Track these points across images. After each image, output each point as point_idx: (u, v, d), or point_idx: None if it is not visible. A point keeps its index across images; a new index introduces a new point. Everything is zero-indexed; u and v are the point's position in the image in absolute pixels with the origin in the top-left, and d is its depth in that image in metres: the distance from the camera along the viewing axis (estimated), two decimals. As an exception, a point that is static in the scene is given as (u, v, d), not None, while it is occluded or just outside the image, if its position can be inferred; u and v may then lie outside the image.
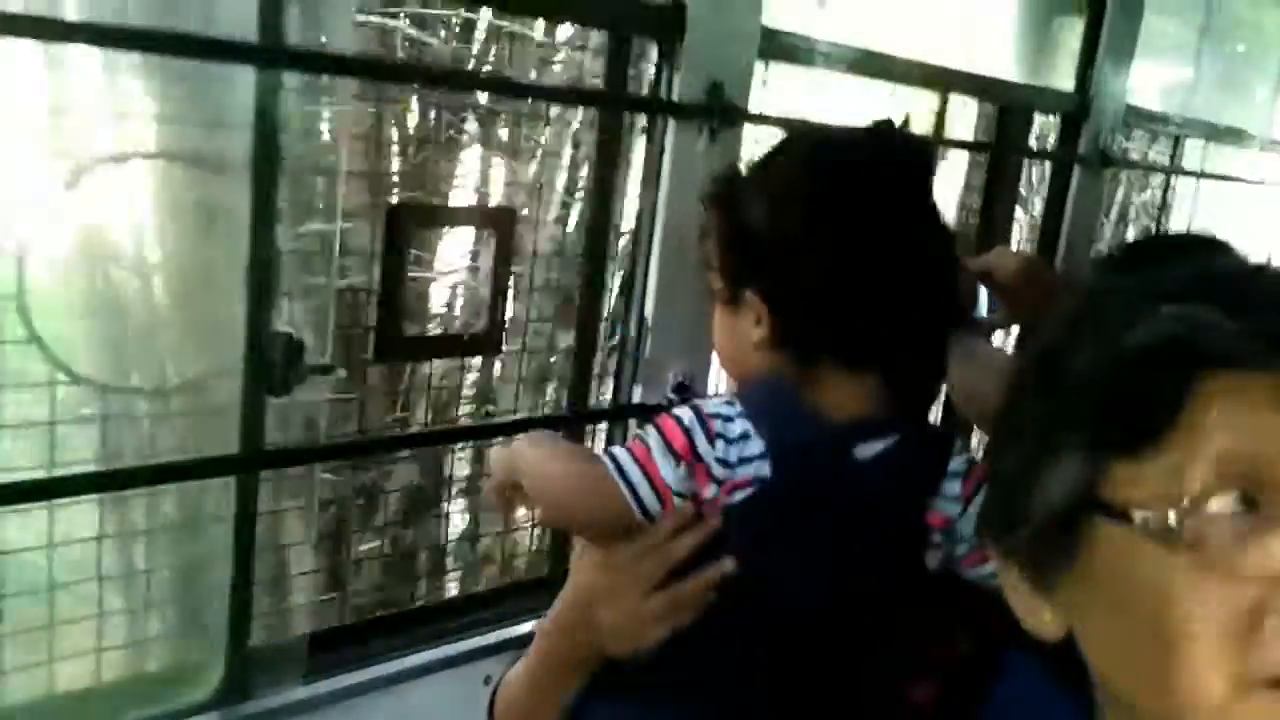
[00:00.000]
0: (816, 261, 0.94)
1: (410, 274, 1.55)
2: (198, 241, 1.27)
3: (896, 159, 1.00)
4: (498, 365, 1.72)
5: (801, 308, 0.95)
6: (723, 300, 0.99)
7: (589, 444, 1.81)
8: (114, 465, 1.30)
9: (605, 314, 1.80)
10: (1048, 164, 2.59)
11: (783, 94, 1.85)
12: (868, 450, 0.93)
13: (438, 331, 1.64)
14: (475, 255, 1.67)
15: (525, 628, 1.71)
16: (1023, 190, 2.54)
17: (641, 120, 1.64)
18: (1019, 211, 2.55)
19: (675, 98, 1.59)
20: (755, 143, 1.69)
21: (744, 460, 0.94)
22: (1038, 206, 2.50)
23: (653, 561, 0.93)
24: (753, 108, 1.70)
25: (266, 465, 1.31)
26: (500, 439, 1.73)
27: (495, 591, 1.75)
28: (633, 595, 0.94)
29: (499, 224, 1.68)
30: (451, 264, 1.78)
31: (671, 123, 1.59)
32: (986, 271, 2.27)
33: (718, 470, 0.93)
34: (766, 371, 0.97)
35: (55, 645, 1.33)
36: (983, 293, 2.32)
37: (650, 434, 0.96)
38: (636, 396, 1.77)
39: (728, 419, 0.95)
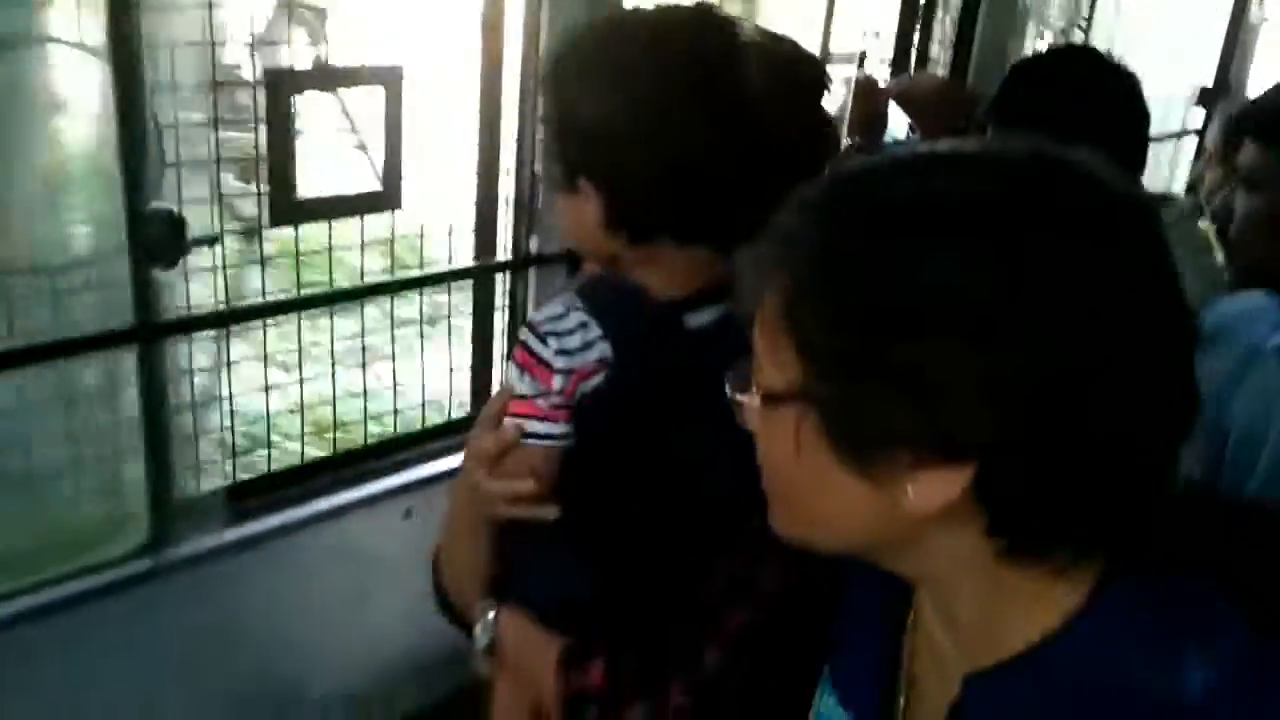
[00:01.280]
0: (641, 150, 0.99)
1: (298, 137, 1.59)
2: (69, 126, 1.32)
3: (709, 41, 1.04)
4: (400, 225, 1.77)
5: (630, 194, 1.00)
6: (561, 186, 1.05)
7: (497, 295, 1.89)
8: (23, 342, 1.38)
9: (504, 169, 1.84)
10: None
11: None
12: (698, 320, 1.01)
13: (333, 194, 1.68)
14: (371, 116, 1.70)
15: (442, 464, 1.83)
16: (939, 10, 2.52)
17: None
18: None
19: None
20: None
21: (586, 345, 1.01)
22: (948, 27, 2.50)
23: (475, 453, 1.03)
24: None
25: (155, 336, 1.39)
26: (406, 293, 1.81)
27: (412, 435, 1.86)
28: (475, 475, 1.04)
29: (388, 82, 1.71)
30: (344, 125, 1.81)
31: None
32: (902, 95, 2.30)
33: (559, 362, 1.01)
34: (607, 250, 1.03)
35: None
36: (900, 117, 2.35)
37: (512, 375, 1.04)
38: (534, 247, 1.85)
39: (559, 316, 1.02)
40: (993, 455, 0.58)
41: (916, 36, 2.52)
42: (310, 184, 1.67)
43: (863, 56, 2.58)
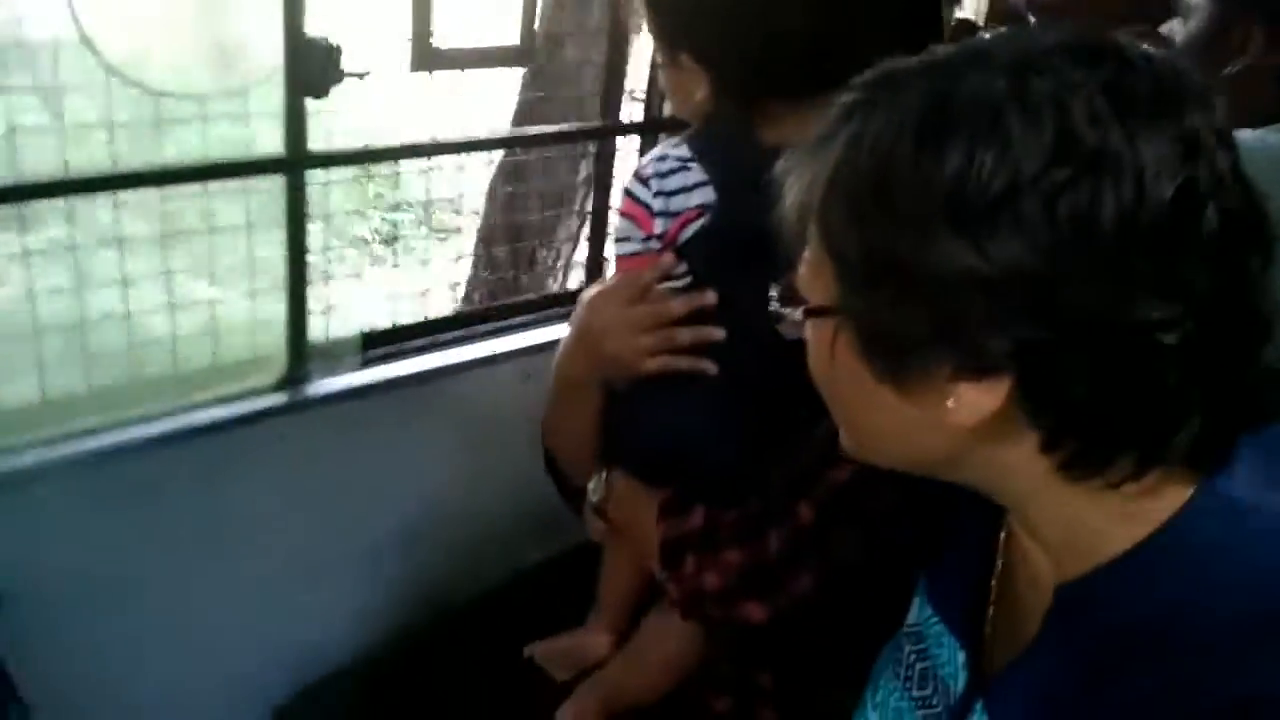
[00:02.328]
0: (739, 21, 0.99)
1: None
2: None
3: None
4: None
5: (732, 65, 1.01)
6: (664, 62, 1.06)
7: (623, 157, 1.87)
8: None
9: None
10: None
11: None
12: None
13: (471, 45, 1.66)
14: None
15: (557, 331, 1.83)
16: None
17: None
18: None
19: None
20: None
21: (684, 189, 1.04)
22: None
23: (643, 309, 1.05)
24: None
25: (311, 165, 1.39)
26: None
27: (535, 299, 1.86)
28: (629, 333, 1.05)
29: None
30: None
31: None
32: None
33: (657, 204, 1.04)
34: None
35: (134, 333, 1.47)
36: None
37: (619, 228, 1.09)
38: (667, 110, 1.82)
39: (660, 159, 1.05)
40: (1026, 364, 0.56)
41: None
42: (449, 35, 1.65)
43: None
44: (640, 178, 1.06)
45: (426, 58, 1.60)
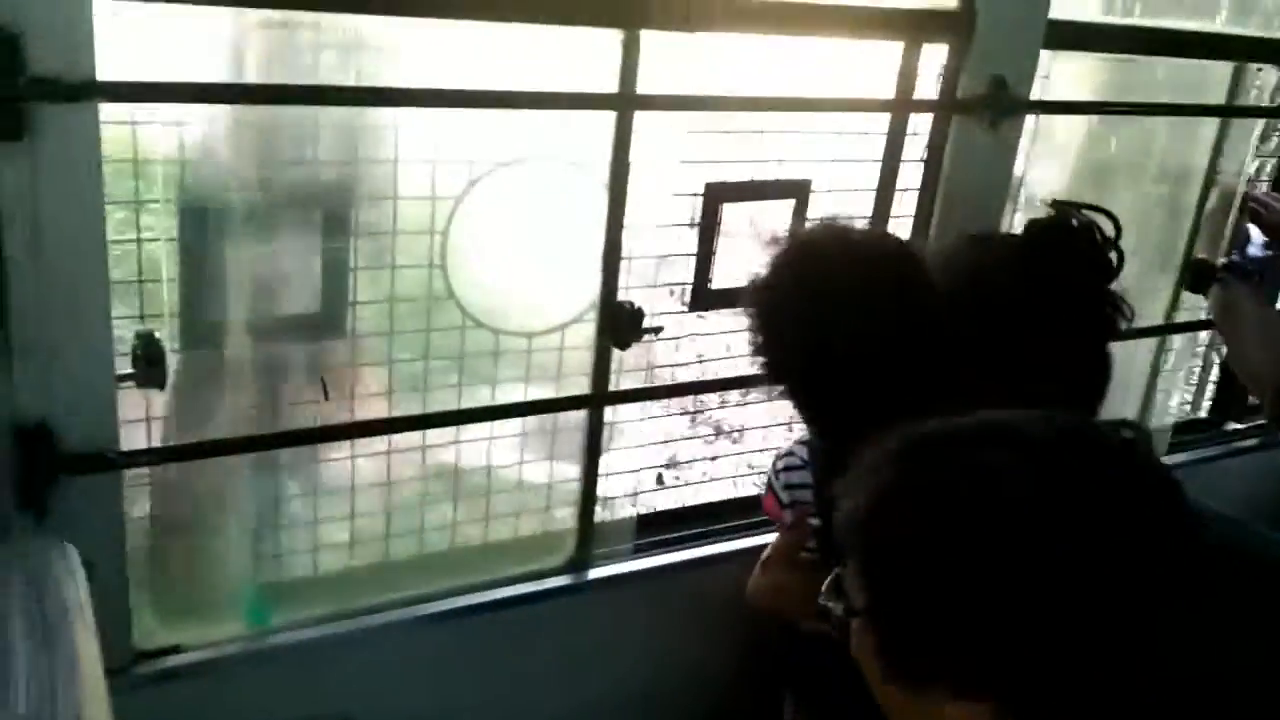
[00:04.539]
0: (827, 384, 1.30)
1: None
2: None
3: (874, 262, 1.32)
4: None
5: (829, 412, 1.32)
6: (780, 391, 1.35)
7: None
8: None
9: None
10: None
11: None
12: None
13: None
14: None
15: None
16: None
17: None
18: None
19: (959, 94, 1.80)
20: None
21: (805, 485, 1.41)
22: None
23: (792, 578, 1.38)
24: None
25: (611, 403, 1.72)
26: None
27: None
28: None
29: (798, 194, 1.99)
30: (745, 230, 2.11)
31: (955, 118, 1.81)
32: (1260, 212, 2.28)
33: (784, 496, 1.43)
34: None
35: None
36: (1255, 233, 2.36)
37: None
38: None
39: (788, 454, 1.46)
40: (1007, 698, 0.73)
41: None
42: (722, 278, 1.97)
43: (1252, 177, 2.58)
44: (775, 471, 1.42)
45: (704, 300, 1.93)
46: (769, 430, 2.80)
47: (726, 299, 2.00)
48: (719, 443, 3.24)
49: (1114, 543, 0.71)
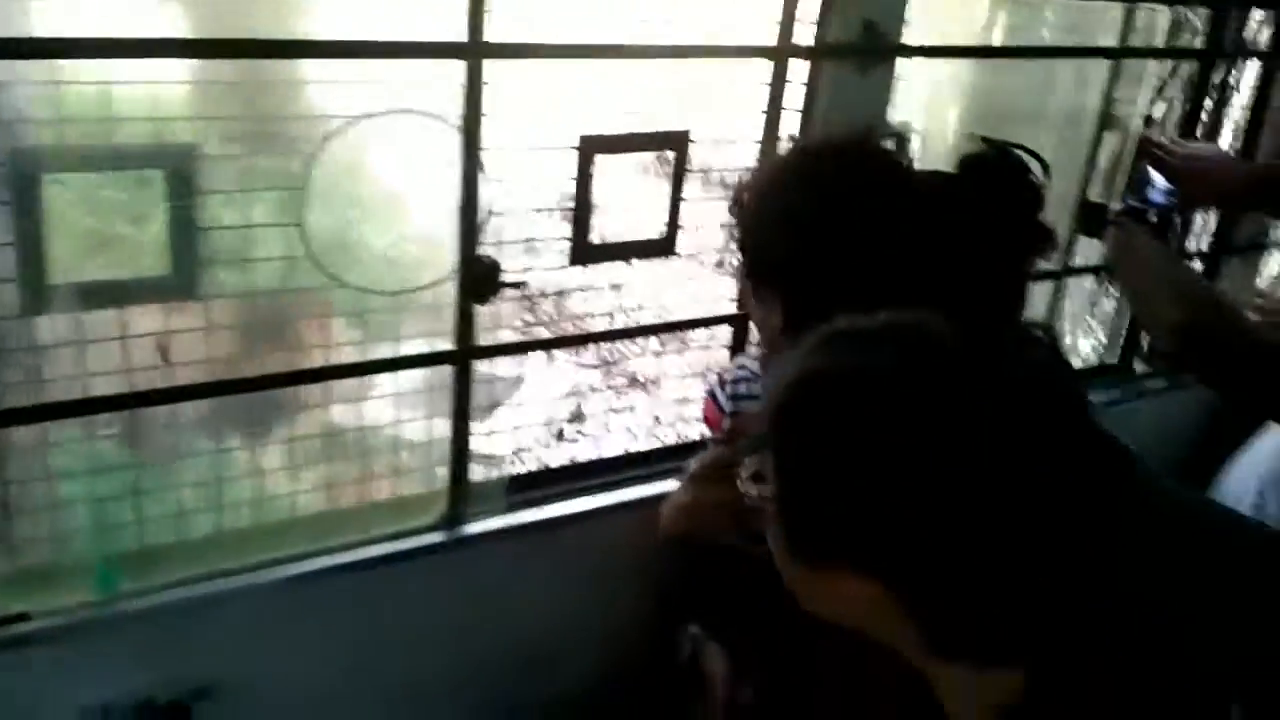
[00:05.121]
0: (816, 276, 1.21)
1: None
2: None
3: (868, 167, 1.29)
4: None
5: (809, 307, 1.22)
6: (750, 290, 1.30)
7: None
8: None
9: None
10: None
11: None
12: None
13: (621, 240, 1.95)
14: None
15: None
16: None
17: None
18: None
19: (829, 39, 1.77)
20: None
21: (751, 397, 1.39)
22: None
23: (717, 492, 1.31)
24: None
25: (476, 357, 1.70)
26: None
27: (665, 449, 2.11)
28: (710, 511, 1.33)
29: (677, 145, 1.96)
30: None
31: (825, 64, 1.78)
32: (1185, 162, 2.28)
33: (727, 404, 1.42)
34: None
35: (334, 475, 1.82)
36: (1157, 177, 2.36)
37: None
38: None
39: (739, 367, 1.43)
40: (889, 577, 0.79)
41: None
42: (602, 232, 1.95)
43: (1149, 120, 2.57)
44: (721, 381, 1.33)
45: (584, 254, 1.90)
46: (683, 381, 2.78)
47: (608, 253, 1.99)
48: (633, 396, 3.23)
49: (1000, 438, 0.76)
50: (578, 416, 2.78)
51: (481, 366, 1.84)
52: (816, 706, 1.21)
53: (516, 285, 1.68)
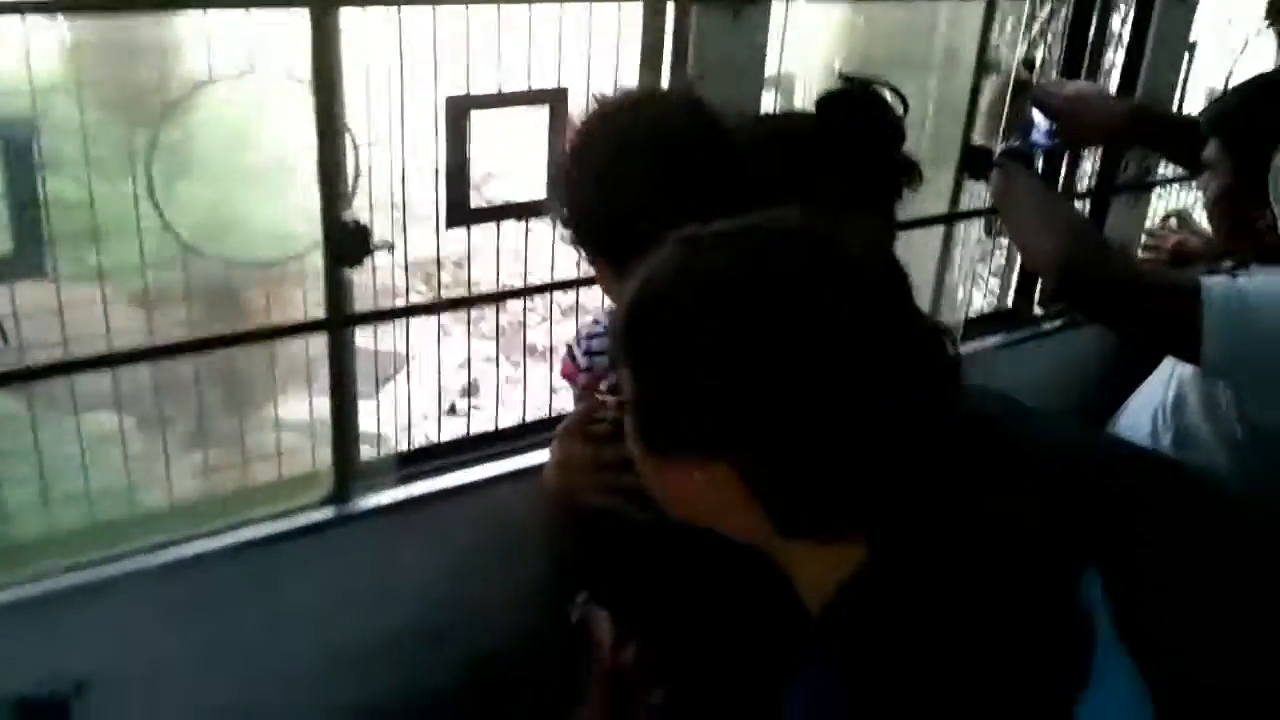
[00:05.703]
0: (631, 234, 1.22)
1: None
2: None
3: (670, 118, 1.31)
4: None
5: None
6: (588, 258, 1.35)
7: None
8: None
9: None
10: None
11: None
12: None
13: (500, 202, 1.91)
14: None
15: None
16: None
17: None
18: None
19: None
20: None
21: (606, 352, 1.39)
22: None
23: (584, 451, 1.31)
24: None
25: (350, 324, 1.64)
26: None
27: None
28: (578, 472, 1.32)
29: (554, 103, 1.91)
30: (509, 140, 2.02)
31: (695, 8, 1.75)
32: (1066, 102, 2.29)
33: (583, 360, 1.42)
34: None
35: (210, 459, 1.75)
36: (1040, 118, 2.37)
37: None
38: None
39: (595, 322, 1.44)
40: (735, 460, 0.82)
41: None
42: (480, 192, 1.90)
43: (1030, 63, 2.58)
44: (577, 337, 1.33)
45: (461, 216, 1.85)
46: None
47: (487, 215, 1.94)
48: (529, 366, 3.18)
49: (839, 317, 0.80)
50: (472, 389, 2.72)
51: (367, 343, 1.79)
52: (689, 661, 1.20)
53: (389, 247, 1.62)
